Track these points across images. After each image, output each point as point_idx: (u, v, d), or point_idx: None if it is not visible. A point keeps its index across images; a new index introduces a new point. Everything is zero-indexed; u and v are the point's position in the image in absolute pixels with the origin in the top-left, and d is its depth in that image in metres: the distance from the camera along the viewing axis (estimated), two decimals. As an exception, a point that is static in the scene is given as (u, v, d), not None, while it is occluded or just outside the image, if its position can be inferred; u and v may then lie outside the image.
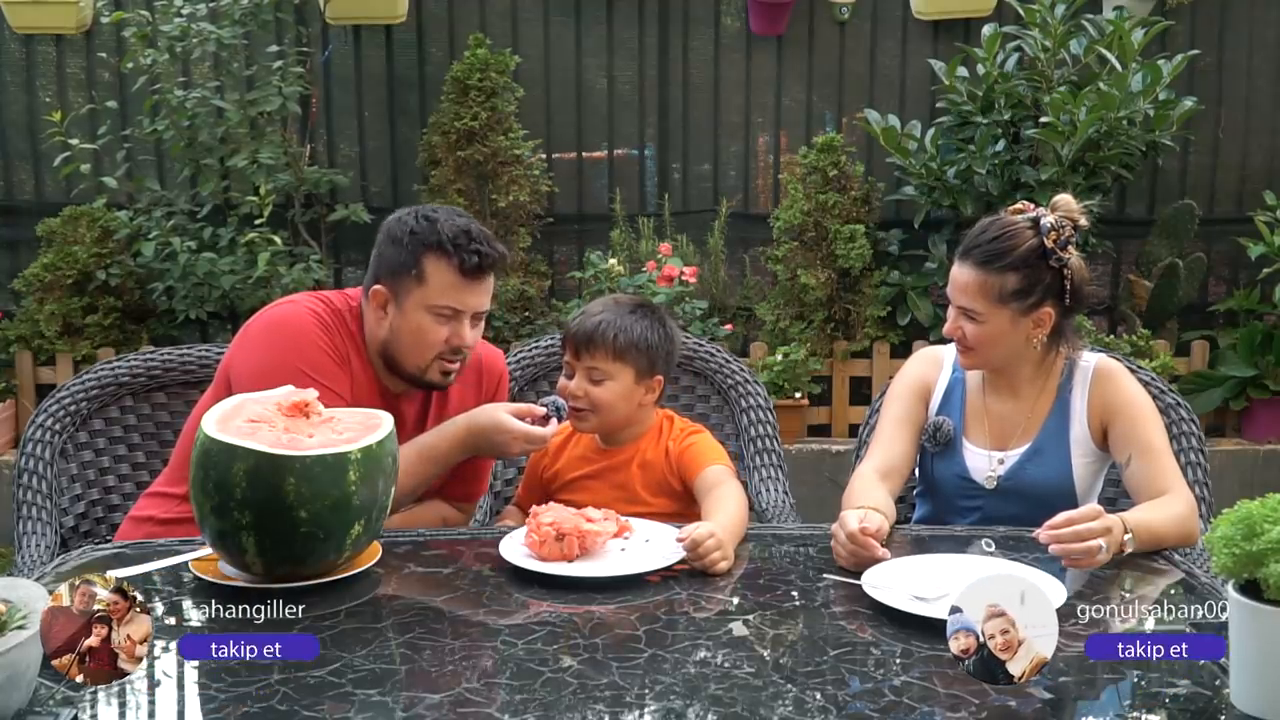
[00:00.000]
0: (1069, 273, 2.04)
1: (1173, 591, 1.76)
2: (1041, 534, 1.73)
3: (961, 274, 2.05)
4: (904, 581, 1.66)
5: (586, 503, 2.02)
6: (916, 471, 2.23)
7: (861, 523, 1.76)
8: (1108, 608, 1.62)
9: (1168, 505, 1.91)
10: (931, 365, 2.21)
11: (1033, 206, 2.08)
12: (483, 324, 2.10)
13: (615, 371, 2.13)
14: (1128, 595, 1.71)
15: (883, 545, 1.76)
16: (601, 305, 2.19)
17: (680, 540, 1.80)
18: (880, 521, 1.80)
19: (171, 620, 1.57)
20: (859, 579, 1.67)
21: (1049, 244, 2.02)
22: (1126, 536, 1.76)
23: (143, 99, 4.36)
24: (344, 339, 2.06)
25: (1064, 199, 2.09)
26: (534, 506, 1.84)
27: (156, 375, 2.41)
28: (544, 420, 2.02)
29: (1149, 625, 1.66)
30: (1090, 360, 2.12)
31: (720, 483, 2.05)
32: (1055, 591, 1.61)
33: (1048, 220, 2.03)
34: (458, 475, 2.19)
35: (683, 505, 2.14)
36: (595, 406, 2.13)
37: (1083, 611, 1.59)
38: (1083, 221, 2.07)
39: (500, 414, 2.00)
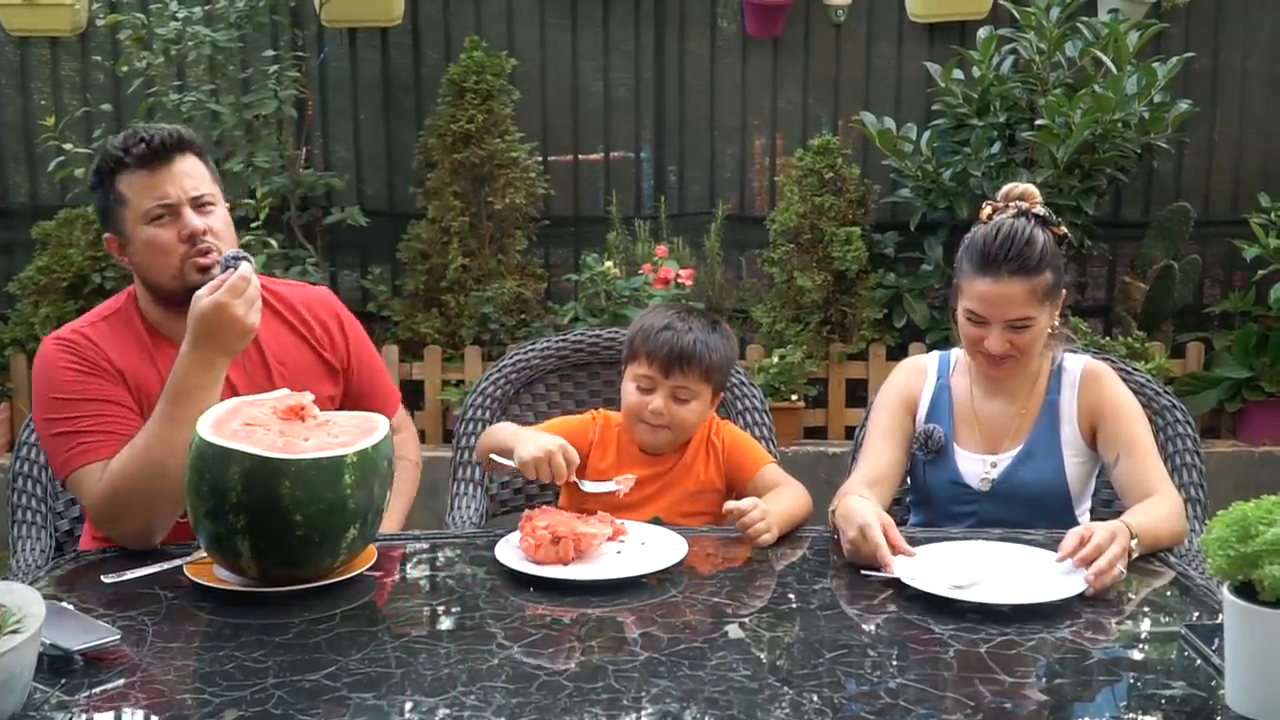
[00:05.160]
0: (1061, 249, 2.08)
1: (1169, 593, 1.77)
2: (1087, 575, 1.67)
3: (1003, 289, 1.99)
4: (939, 572, 1.69)
5: (632, 506, 2.04)
6: (908, 480, 2.24)
7: (882, 521, 1.77)
8: (1107, 609, 1.62)
9: (1160, 505, 1.92)
10: (915, 375, 2.21)
11: (1002, 204, 2.08)
12: (219, 210, 1.99)
13: (701, 391, 2.13)
14: (1123, 597, 1.71)
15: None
16: (682, 320, 2.13)
17: (726, 512, 1.87)
18: (895, 526, 1.81)
19: (167, 626, 1.57)
20: (894, 573, 1.69)
21: (1057, 233, 2.06)
22: (1133, 542, 1.76)
23: (138, 102, 4.36)
24: (114, 338, 1.96)
25: (1025, 188, 2.09)
26: (527, 510, 1.84)
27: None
28: (223, 270, 1.85)
29: (1145, 627, 1.66)
30: (1077, 362, 2.13)
31: (781, 482, 2.10)
32: (1074, 581, 1.65)
33: (1040, 210, 2.06)
34: (362, 395, 2.16)
35: (720, 506, 2.15)
36: (676, 426, 2.12)
37: (1079, 613, 1.60)
38: (1038, 198, 2.10)
39: (200, 295, 1.84)
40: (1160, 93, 4.18)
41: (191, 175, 1.97)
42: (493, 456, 2.05)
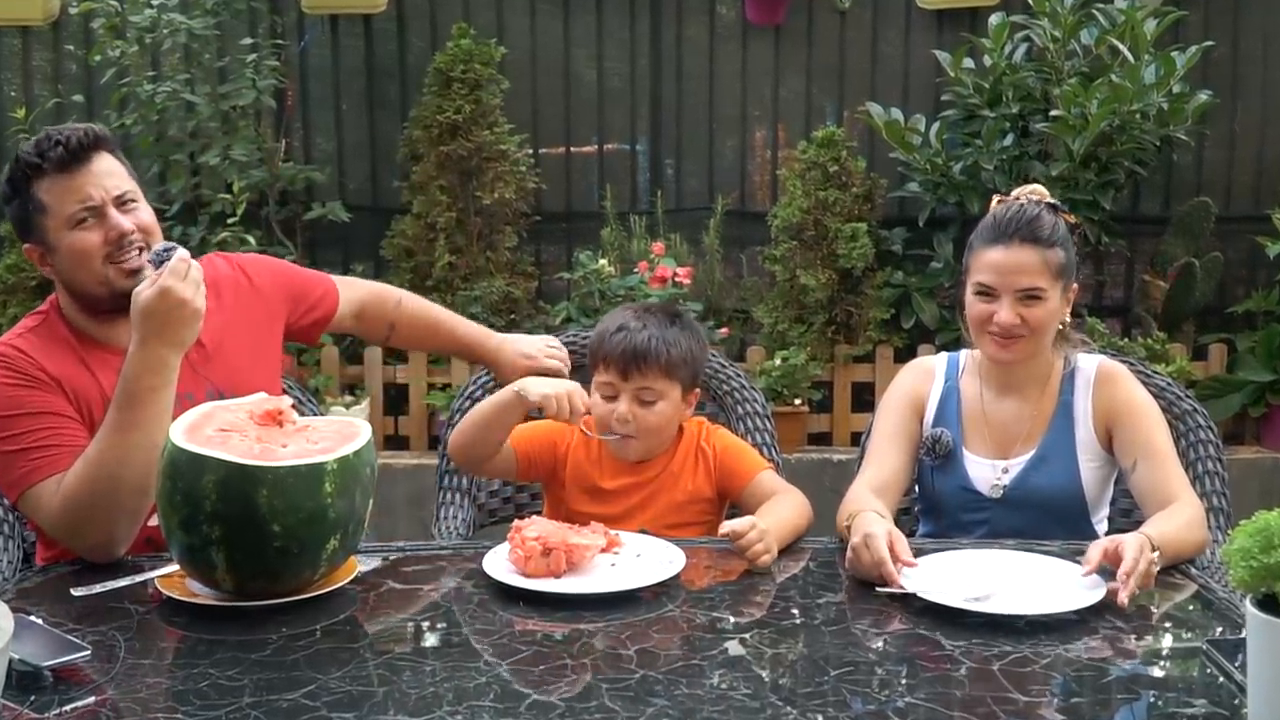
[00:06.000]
0: (1076, 249, 2.11)
1: (1190, 607, 1.77)
2: (1121, 595, 1.66)
3: (1015, 255, 2.03)
4: (950, 583, 1.69)
5: (617, 517, 2.03)
6: (917, 488, 2.24)
7: (890, 537, 1.77)
8: (1125, 624, 1.62)
9: (1179, 513, 1.92)
10: (923, 376, 2.21)
11: (1011, 200, 2.12)
12: (142, 206, 1.99)
13: (666, 390, 2.11)
14: (1143, 610, 1.71)
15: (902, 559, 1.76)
16: (637, 319, 2.14)
17: (723, 534, 1.84)
18: (904, 540, 1.80)
19: (139, 641, 1.56)
20: (906, 589, 1.69)
21: (1068, 220, 2.10)
22: (1154, 554, 1.75)
23: (110, 92, 4.36)
24: (45, 348, 1.94)
25: (1035, 187, 2.15)
26: (516, 520, 1.83)
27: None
28: (157, 267, 1.84)
29: (1165, 643, 1.66)
30: (1091, 362, 2.14)
31: (779, 490, 2.09)
32: (1095, 589, 1.67)
33: (1051, 202, 2.11)
34: (309, 309, 2.24)
35: (713, 516, 2.15)
36: (645, 431, 2.11)
37: (1096, 629, 1.60)
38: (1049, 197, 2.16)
39: (140, 290, 1.83)
40: (1179, 82, 4.18)
41: (111, 173, 1.97)
42: (520, 391, 2.03)
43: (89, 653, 1.47)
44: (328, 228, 4.63)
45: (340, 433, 1.73)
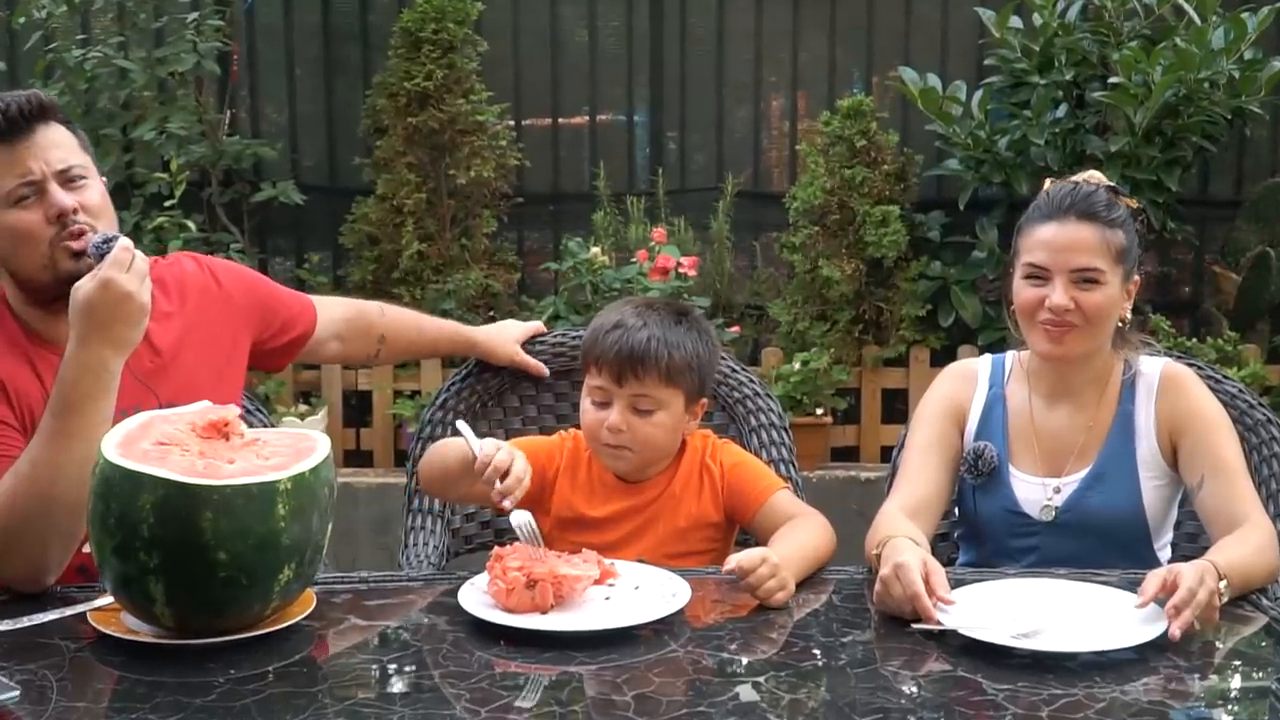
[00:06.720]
0: (1138, 238, 2.13)
1: (1260, 642, 1.78)
2: (1172, 628, 1.68)
3: (1070, 232, 2.06)
4: (994, 618, 1.70)
5: (610, 547, 2.03)
6: (957, 510, 2.25)
7: (926, 567, 1.77)
8: (1188, 663, 1.63)
9: (1248, 537, 1.94)
10: (963, 382, 2.23)
11: (1071, 178, 2.16)
12: (92, 183, 2.01)
13: (667, 399, 2.11)
14: (1208, 647, 1.72)
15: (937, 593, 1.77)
16: (637, 315, 2.13)
17: (729, 570, 1.83)
18: (941, 571, 1.81)
19: (71, 683, 1.57)
20: (944, 625, 1.70)
21: (1129, 204, 2.12)
22: (1222, 584, 1.76)
23: (34, 59, 4.37)
24: None
25: (1091, 172, 2.18)
26: (497, 548, 1.84)
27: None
28: (98, 260, 1.86)
29: (1232, 683, 1.67)
30: (1155, 366, 2.15)
31: (796, 512, 2.09)
32: (1156, 622, 1.67)
33: (1111, 185, 2.14)
34: (284, 328, 2.26)
35: (720, 544, 2.16)
36: (639, 444, 2.11)
37: (1156, 668, 1.61)
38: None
39: (80, 283, 1.85)
40: (1251, 48, 4.20)
41: (58, 145, 1.98)
42: (460, 424, 2.07)
43: (18, 693, 1.48)
44: (279, 211, 4.64)
45: (294, 447, 1.74)
